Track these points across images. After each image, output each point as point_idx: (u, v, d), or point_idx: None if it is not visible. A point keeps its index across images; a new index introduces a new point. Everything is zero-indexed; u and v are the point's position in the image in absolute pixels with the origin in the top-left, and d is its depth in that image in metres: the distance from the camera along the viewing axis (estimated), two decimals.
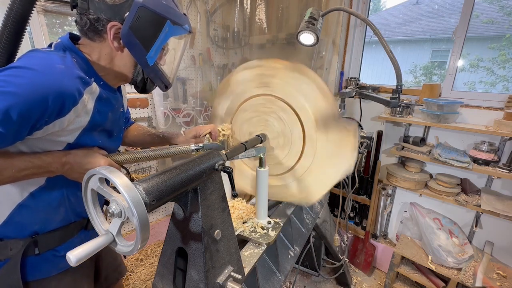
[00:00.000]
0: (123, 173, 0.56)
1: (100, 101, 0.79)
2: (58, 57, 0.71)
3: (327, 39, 2.28)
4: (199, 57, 2.63)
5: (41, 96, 0.63)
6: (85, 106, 0.73)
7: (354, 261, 2.49)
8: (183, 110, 2.57)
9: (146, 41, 0.78)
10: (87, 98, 0.74)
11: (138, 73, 0.86)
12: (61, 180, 0.79)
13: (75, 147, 0.77)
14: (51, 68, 0.67)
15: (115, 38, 0.76)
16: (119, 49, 0.78)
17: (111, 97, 0.85)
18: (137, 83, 0.88)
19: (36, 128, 0.66)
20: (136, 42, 0.76)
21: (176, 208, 0.73)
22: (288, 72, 1.10)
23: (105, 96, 0.81)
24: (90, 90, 0.75)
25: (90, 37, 0.77)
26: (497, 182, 1.90)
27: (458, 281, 1.80)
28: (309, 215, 1.55)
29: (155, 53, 0.81)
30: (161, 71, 0.88)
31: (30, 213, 0.79)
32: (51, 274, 0.86)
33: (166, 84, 0.93)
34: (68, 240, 0.88)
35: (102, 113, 0.81)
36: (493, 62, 4.95)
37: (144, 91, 0.92)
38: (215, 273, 0.73)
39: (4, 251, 0.79)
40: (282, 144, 1.15)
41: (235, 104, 1.22)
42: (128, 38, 0.75)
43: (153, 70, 0.85)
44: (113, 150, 0.94)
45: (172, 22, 0.80)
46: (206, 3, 2.56)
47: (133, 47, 0.77)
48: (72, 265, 0.47)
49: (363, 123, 2.28)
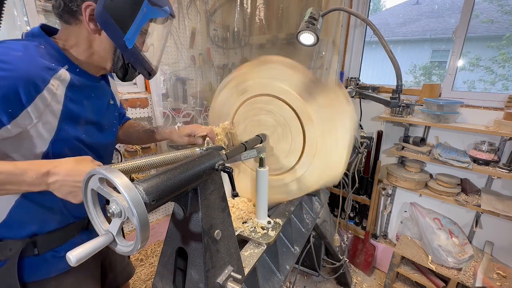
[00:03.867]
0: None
1: (72, 89, 0.75)
2: (18, 45, 0.68)
3: (327, 39, 2.28)
4: (199, 57, 2.63)
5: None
6: (54, 94, 0.69)
7: (354, 261, 2.49)
8: (183, 110, 2.57)
9: (122, 21, 0.74)
10: (56, 85, 0.70)
11: (118, 59, 0.82)
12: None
13: (58, 146, 0.73)
14: (7, 55, 0.64)
15: (91, 20, 0.73)
16: (96, 32, 0.75)
17: (89, 85, 0.81)
18: (118, 70, 0.84)
19: (1, 122, 0.62)
20: (111, 22, 0.72)
21: (176, 208, 0.73)
22: (255, 68, 1.12)
23: (78, 83, 0.76)
24: (58, 77, 0.70)
25: (66, 20, 0.74)
26: (497, 182, 1.90)
27: (458, 281, 1.80)
28: (309, 215, 1.55)
29: (133, 35, 0.77)
30: (142, 55, 0.84)
31: (26, 214, 0.78)
32: (51, 275, 0.84)
33: (149, 71, 0.89)
34: (69, 241, 0.87)
35: (76, 102, 0.76)
36: (493, 61, 4.95)
37: (126, 78, 0.88)
38: (215, 273, 0.73)
39: (4, 251, 0.78)
40: (282, 134, 1.14)
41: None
42: (103, 18, 0.71)
43: (132, 54, 0.81)
44: (106, 145, 0.91)
45: (151, 3, 0.77)
46: (206, 3, 2.56)
47: (109, 28, 0.73)
48: (72, 265, 0.46)
49: (363, 123, 2.28)
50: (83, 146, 0.80)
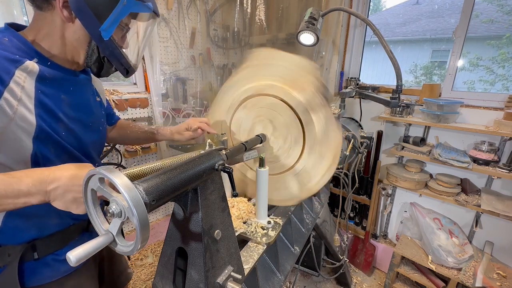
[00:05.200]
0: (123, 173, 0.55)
1: (44, 82, 0.70)
2: None
3: (327, 39, 2.28)
4: (199, 57, 2.63)
5: None
6: (22, 88, 0.65)
7: (354, 261, 2.49)
8: (183, 110, 2.57)
9: (99, 11, 0.69)
10: (23, 77, 0.65)
11: (92, 52, 0.77)
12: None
13: (41, 144, 0.69)
14: None
15: (65, 7, 0.69)
16: (69, 20, 0.71)
17: (64, 79, 0.76)
18: (92, 64, 0.79)
19: None
20: (87, 10, 0.68)
21: (176, 208, 0.72)
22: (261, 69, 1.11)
23: (49, 75, 0.71)
24: (24, 69, 0.65)
25: (38, 5, 0.69)
26: (497, 182, 1.90)
27: (458, 281, 1.80)
28: (309, 215, 1.55)
29: (110, 26, 0.73)
30: (119, 50, 0.79)
31: (22, 219, 0.76)
32: (52, 279, 0.82)
33: (127, 67, 0.84)
34: (69, 243, 0.85)
35: (51, 96, 0.71)
36: (492, 61, 4.95)
37: (100, 74, 0.83)
38: (215, 273, 0.73)
39: (3, 257, 0.75)
40: (281, 132, 1.12)
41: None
42: (78, 5, 0.67)
43: (108, 47, 0.76)
44: (93, 144, 0.88)
45: None
46: (206, 3, 2.56)
47: (83, 17, 0.69)
48: (72, 265, 0.46)
49: (363, 123, 2.28)
50: (67, 144, 0.76)
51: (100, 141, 0.93)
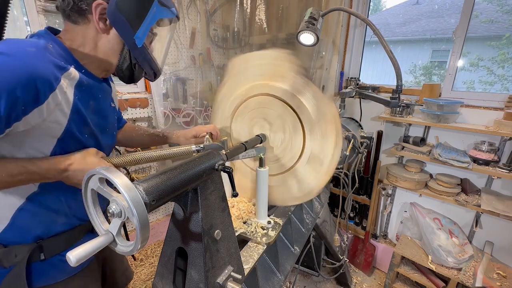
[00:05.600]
0: (123, 173, 0.56)
1: (80, 88, 0.74)
2: (30, 42, 0.67)
3: (327, 39, 2.28)
4: (199, 57, 2.63)
5: (9, 82, 0.58)
6: (64, 93, 0.68)
7: (354, 261, 2.49)
8: (183, 110, 2.57)
9: (133, 20, 0.75)
10: (66, 84, 0.68)
11: (124, 60, 0.82)
12: (53, 186, 0.75)
13: (64, 145, 0.73)
14: (21, 50, 0.62)
15: (101, 19, 0.73)
16: (105, 31, 0.75)
17: (94, 86, 0.81)
18: (123, 71, 0.84)
19: (13, 118, 0.61)
20: (123, 20, 0.73)
21: (176, 208, 0.73)
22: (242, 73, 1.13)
23: (85, 82, 0.76)
24: (68, 76, 0.69)
25: (74, 20, 0.73)
26: (497, 182, 1.90)
27: (458, 281, 1.80)
28: (309, 215, 1.55)
29: (143, 34, 0.78)
30: (150, 54, 0.85)
31: (30, 217, 0.77)
32: (58, 279, 0.84)
33: (155, 71, 0.90)
34: (74, 244, 0.86)
35: (84, 101, 0.76)
36: (492, 62, 4.95)
37: (132, 79, 0.88)
38: (215, 273, 0.73)
39: (10, 258, 0.77)
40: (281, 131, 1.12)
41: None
42: (115, 16, 0.72)
43: (141, 53, 0.81)
44: (107, 147, 0.91)
45: (160, 3, 0.78)
46: (206, 3, 2.56)
47: (120, 27, 0.74)
48: (72, 265, 0.46)
49: (363, 123, 2.28)
50: (87, 146, 0.80)
51: (113, 144, 0.97)
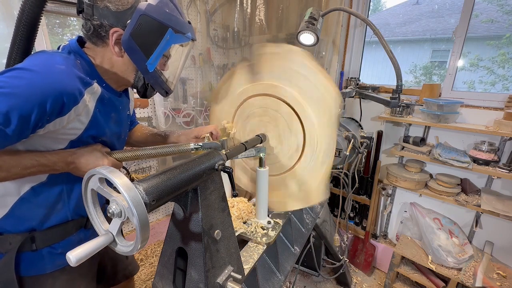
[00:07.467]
0: (123, 173, 0.56)
1: (102, 102, 0.81)
2: (60, 58, 0.72)
3: (327, 39, 2.28)
4: (199, 57, 2.62)
5: (40, 97, 0.64)
6: (86, 106, 0.75)
7: (354, 261, 2.49)
8: (183, 110, 2.57)
9: (146, 48, 0.79)
10: (88, 98, 0.75)
11: (139, 79, 0.88)
12: (61, 178, 0.80)
13: (75, 147, 0.79)
14: (51, 68, 0.68)
15: (117, 44, 0.78)
16: (120, 55, 0.80)
17: (114, 100, 0.87)
18: (138, 88, 0.91)
19: (38, 126, 0.68)
20: (136, 48, 0.78)
21: (176, 208, 0.73)
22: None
23: (107, 97, 0.82)
24: (91, 90, 0.76)
25: (94, 42, 0.79)
26: (497, 182, 1.90)
27: (458, 281, 1.80)
28: (309, 215, 1.55)
29: (155, 60, 0.83)
30: (161, 78, 0.90)
31: (29, 208, 0.81)
32: (47, 271, 0.86)
33: (167, 90, 0.95)
34: (66, 238, 0.89)
35: (104, 114, 0.82)
36: (492, 62, 4.95)
37: (145, 96, 0.94)
38: (215, 273, 0.73)
39: (4, 245, 0.80)
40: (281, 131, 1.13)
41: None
42: (129, 44, 0.77)
43: (153, 77, 0.87)
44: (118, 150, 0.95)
45: (174, 30, 0.82)
46: (206, 3, 2.56)
47: (133, 54, 0.79)
48: (72, 265, 0.47)
49: (363, 123, 2.28)
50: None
51: (123, 147, 1.03)
